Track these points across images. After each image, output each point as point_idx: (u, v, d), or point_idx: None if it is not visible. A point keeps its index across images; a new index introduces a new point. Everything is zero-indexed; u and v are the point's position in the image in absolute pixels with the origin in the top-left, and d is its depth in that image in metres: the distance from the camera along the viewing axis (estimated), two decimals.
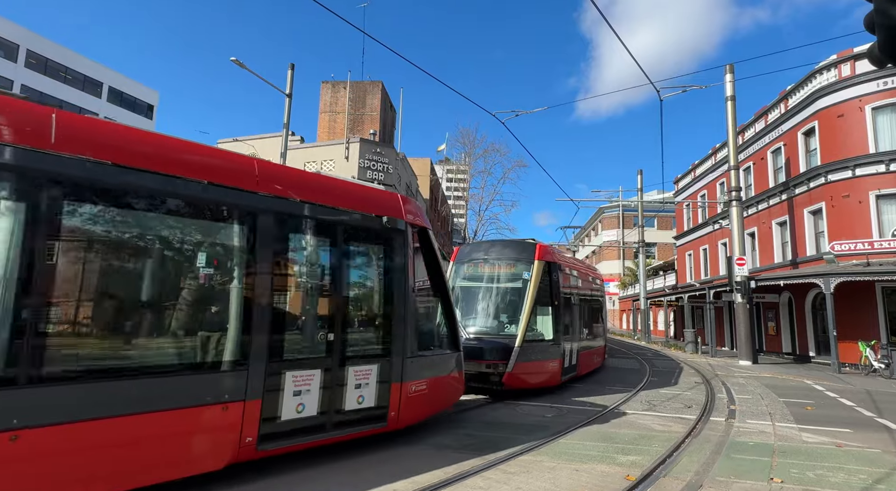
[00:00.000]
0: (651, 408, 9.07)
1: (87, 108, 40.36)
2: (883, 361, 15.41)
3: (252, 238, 4.80)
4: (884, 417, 8.74)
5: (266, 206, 4.91)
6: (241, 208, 4.78)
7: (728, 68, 20.20)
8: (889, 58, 3.37)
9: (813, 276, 16.88)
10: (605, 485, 4.73)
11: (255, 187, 4.87)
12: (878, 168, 17.45)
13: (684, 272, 34.07)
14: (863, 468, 5.52)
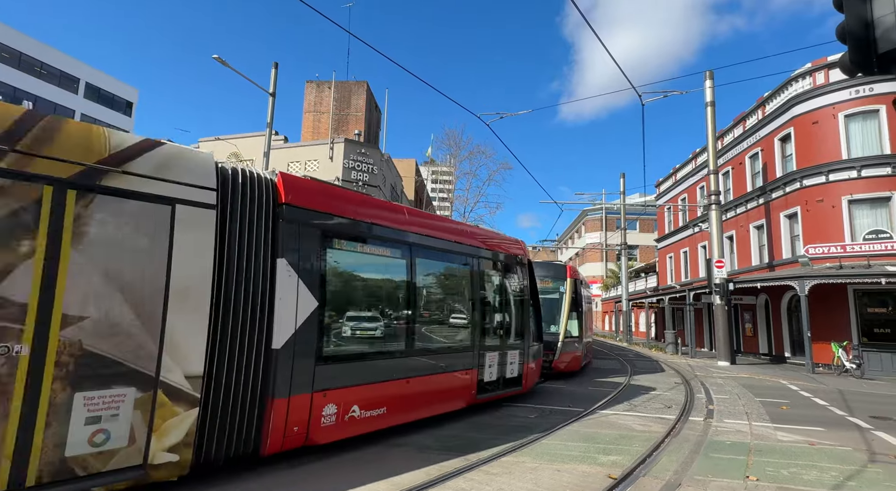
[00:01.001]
0: (632, 408, 9.19)
1: (62, 104, 39.35)
2: (854, 362, 15.86)
3: (474, 276, 8.42)
4: (855, 415, 9.00)
5: (486, 255, 8.87)
6: (477, 258, 8.55)
7: (708, 74, 20.62)
8: (858, 67, 3.48)
9: (788, 278, 17.31)
10: (586, 485, 4.78)
11: (479, 245, 8.72)
12: (851, 174, 17.99)
13: (665, 274, 34.62)
14: (834, 466, 5.67)
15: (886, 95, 17.20)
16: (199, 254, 4.49)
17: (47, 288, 3.65)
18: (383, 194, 26.19)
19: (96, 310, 3.88)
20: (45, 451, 3.57)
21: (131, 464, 3.96)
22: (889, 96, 17.06)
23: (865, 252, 16.99)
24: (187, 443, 4.24)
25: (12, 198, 3.58)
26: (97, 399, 3.82)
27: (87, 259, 3.86)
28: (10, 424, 3.43)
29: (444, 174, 56.72)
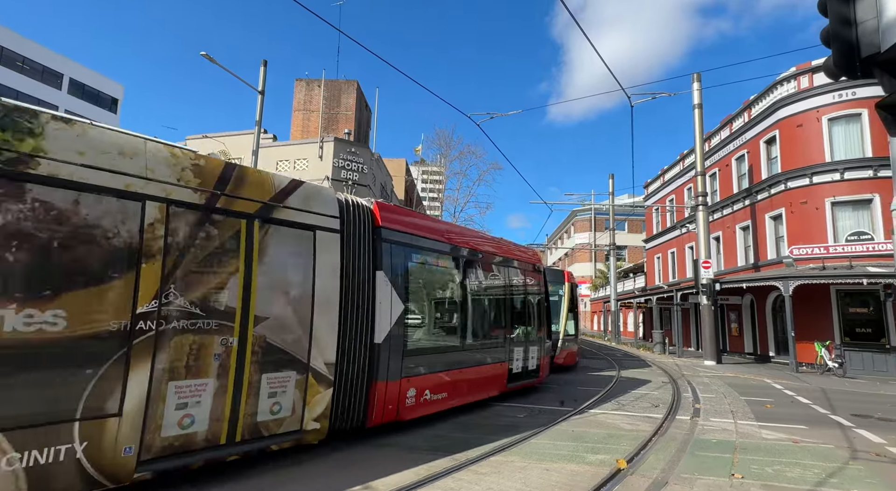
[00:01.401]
0: (620, 407, 9.26)
1: (45, 100, 38.59)
2: (837, 361, 16.15)
3: (506, 283, 10.04)
4: (837, 414, 9.17)
5: (514, 265, 10.43)
6: (508, 267, 10.17)
7: (695, 77, 20.85)
8: (842, 71, 3.54)
9: (773, 279, 17.58)
10: (574, 484, 4.80)
11: (509, 255, 10.33)
12: (834, 176, 18.32)
13: (653, 275, 34.95)
14: (817, 463, 5.76)
15: (868, 99, 17.54)
16: (332, 269, 5.80)
17: (246, 296, 4.86)
18: (373, 194, 26.10)
19: (273, 312, 5.12)
20: (246, 416, 4.81)
21: (293, 429, 5.26)
22: (871, 100, 17.39)
23: (848, 253, 17.31)
24: (325, 415, 5.57)
25: (224, 229, 4.80)
26: (275, 379, 5.10)
27: (266, 274, 5.09)
28: (227, 395, 4.66)
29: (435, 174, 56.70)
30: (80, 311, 3.82)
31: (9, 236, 3.56)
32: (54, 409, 3.66)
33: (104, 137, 4.18)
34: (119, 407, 3.95)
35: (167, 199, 4.41)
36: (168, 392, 4.28)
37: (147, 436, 4.11)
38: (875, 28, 3.34)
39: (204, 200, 4.67)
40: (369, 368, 6.24)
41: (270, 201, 5.23)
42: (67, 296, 3.77)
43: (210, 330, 4.60)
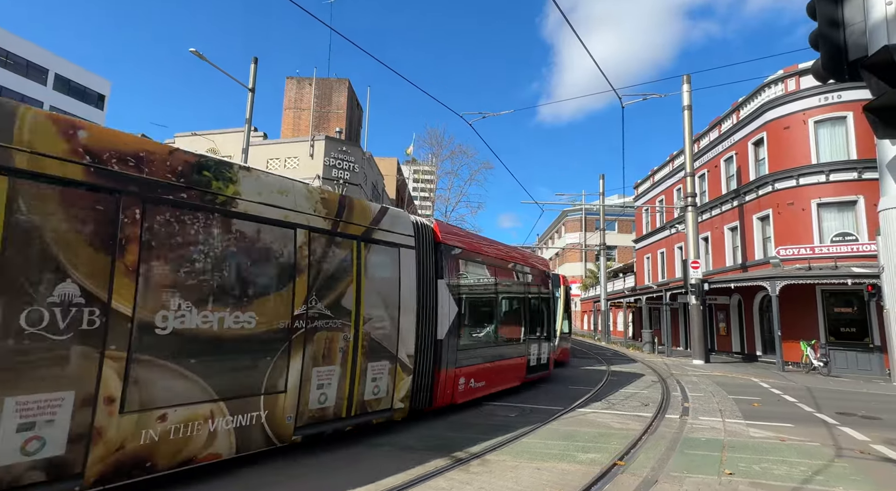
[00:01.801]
0: (610, 406, 9.32)
1: (30, 95, 37.93)
2: (822, 360, 16.41)
3: (526, 288, 11.65)
4: (822, 412, 9.31)
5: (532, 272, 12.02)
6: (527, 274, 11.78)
7: (685, 79, 21.04)
8: (830, 74, 3.58)
9: (760, 279, 17.81)
10: (565, 482, 4.82)
11: (528, 264, 12.04)
12: (819, 178, 18.60)
13: (643, 274, 35.24)
14: (803, 461, 5.85)
15: (854, 102, 17.83)
16: (411, 278, 7.22)
17: (357, 302, 6.27)
18: (364, 193, 25.99)
19: (374, 314, 6.54)
20: (358, 396, 6.20)
21: (386, 407, 6.64)
22: (856, 103, 17.69)
23: (833, 254, 17.60)
24: (407, 397, 7.00)
25: (342, 249, 6.19)
26: (376, 367, 6.51)
27: (369, 284, 6.50)
28: (347, 379, 6.07)
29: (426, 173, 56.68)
30: (263, 313, 5.14)
31: (223, 259, 4.87)
32: (250, 385, 4.99)
33: (269, 180, 5.51)
34: (285, 385, 5.28)
35: (308, 226, 5.76)
36: (312, 375, 5.63)
37: (300, 408, 5.45)
38: (862, 31, 3.39)
39: (330, 226, 6.05)
40: (435, 359, 7.74)
41: (370, 225, 6.66)
42: (257, 301, 5.11)
43: (337, 328, 5.98)
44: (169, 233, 4.48)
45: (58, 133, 3.86)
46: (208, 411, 4.62)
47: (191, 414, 4.48)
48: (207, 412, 4.61)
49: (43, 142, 3.76)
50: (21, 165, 3.62)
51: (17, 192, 3.60)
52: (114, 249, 4.06)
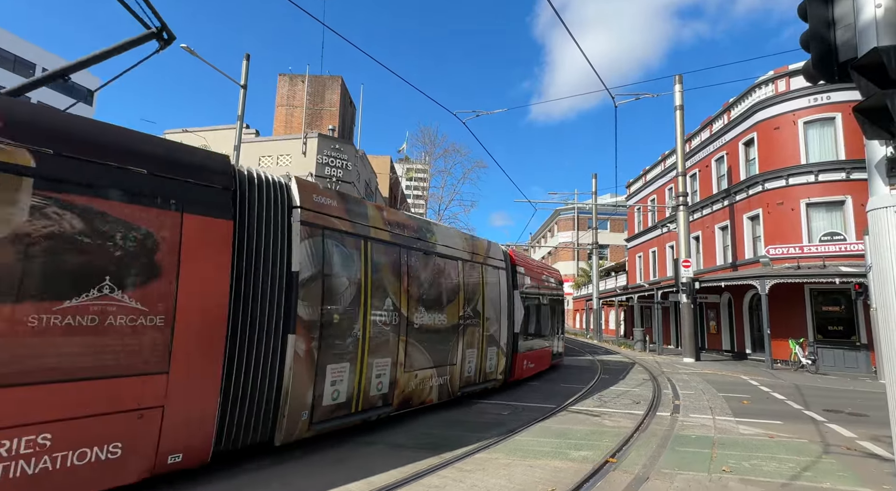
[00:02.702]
0: (602, 404, 9.37)
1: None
2: (810, 358, 16.62)
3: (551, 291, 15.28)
4: (810, 409, 9.43)
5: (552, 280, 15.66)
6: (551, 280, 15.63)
7: (677, 79, 21.18)
8: (821, 75, 3.62)
9: (750, 278, 17.99)
10: (558, 480, 4.84)
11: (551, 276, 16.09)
12: (808, 178, 18.82)
13: (635, 273, 35.46)
14: (792, 457, 5.92)
15: (843, 104, 18.04)
16: (503, 290, 10.65)
17: (483, 306, 9.56)
18: (357, 191, 25.89)
19: (490, 315, 9.85)
20: (483, 369, 9.60)
21: (494, 378, 10.12)
22: (845, 105, 17.90)
23: (821, 253, 17.82)
24: (503, 371, 10.55)
25: (476, 273, 9.52)
26: (491, 351, 9.92)
27: (487, 294, 9.76)
28: (478, 358, 9.37)
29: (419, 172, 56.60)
30: (449, 315, 8.43)
31: (434, 280, 8.11)
32: (445, 359, 8.26)
33: (448, 231, 9.34)
34: (455, 360, 8.58)
35: (462, 258, 9.10)
36: (466, 355, 8.94)
37: (462, 375, 8.79)
38: (852, 33, 3.42)
39: (470, 258, 9.44)
40: (513, 346, 11.03)
41: (486, 255, 10.12)
42: (446, 307, 8.39)
43: (475, 325, 9.31)
44: (417, 267, 7.75)
45: (381, 215, 7.22)
46: (430, 374, 7.88)
47: (425, 375, 7.76)
48: (429, 374, 7.88)
49: (376, 219, 7.06)
50: (376, 235, 6.97)
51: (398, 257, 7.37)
52: (401, 278, 7.25)
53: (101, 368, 3.87)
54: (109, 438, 3.88)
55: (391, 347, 6.85)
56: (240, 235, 4.93)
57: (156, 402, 4.15)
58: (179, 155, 4.67)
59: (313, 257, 5.72)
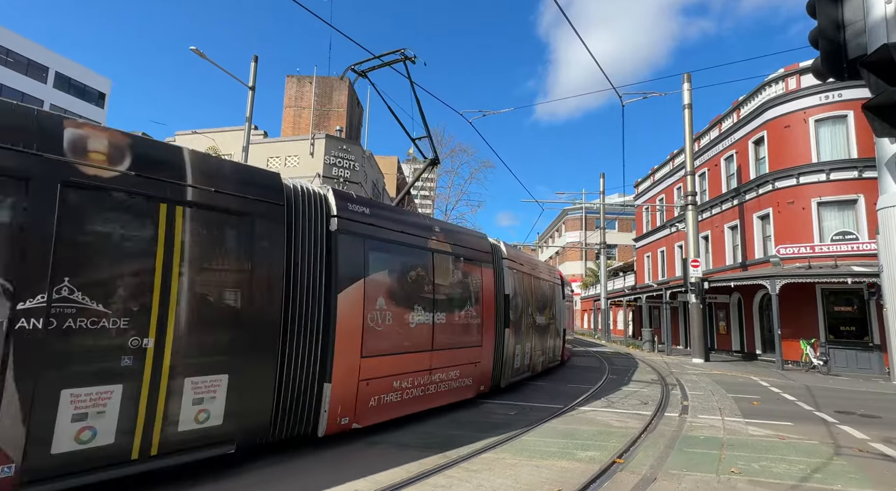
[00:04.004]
0: (609, 405, 9.33)
1: (30, 94, 37.91)
2: (821, 359, 16.41)
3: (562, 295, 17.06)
4: (821, 410, 9.32)
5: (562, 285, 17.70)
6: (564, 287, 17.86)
7: (686, 77, 21.01)
8: (830, 72, 3.58)
9: (760, 277, 17.80)
10: (564, 480, 4.83)
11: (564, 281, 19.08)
12: (820, 177, 18.59)
13: (643, 273, 35.24)
14: (802, 459, 5.86)
15: (854, 101, 17.80)
16: (561, 299, 16.02)
17: (553, 306, 14.73)
18: (365, 191, 25.98)
19: (555, 313, 14.82)
20: (545, 355, 13.46)
21: (557, 361, 15.32)
22: (857, 102, 17.65)
23: (833, 253, 17.59)
24: (558, 357, 15.38)
25: (551, 286, 14.73)
26: (557, 341, 15.19)
27: (557, 300, 15.51)
28: (553, 345, 14.66)
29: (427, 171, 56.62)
30: (549, 317, 13.87)
31: (540, 295, 13.12)
32: (544, 348, 13.29)
33: (541, 263, 14.00)
34: (542, 349, 13.11)
35: (550, 281, 14.33)
36: (552, 344, 14.23)
37: (543, 358, 13.10)
38: (862, 30, 3.39)
39: (549, 277, 14.43)
40: (563, 339, 15.46)
41: (551, 274, 14.62)
42: (545, 310, 13.49)
43: (554, 323, 14.47)
44: (531, 284, 12.41)
45: (513, 255, 11.30)
46: (540, 354, 12.73)
47: (538, 354, 12.52)
48: (540, 354, 12.71)
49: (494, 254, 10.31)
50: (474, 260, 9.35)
51: None
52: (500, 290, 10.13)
53: (467, 342, 8.72)
54: (469, 375, 8.74)
55: (542, 337, 13.03)
56: None
57: (478, 359, 9.01)
58: None
59: None
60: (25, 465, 3.52)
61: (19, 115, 3.72)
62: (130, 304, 4.15)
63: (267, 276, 5.13)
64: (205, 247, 4.74)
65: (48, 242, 3.68)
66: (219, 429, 4.63)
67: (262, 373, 5.04)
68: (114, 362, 4.01)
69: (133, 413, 4.09)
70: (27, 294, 3.58)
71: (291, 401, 5.39)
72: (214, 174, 4.88)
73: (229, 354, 4.76)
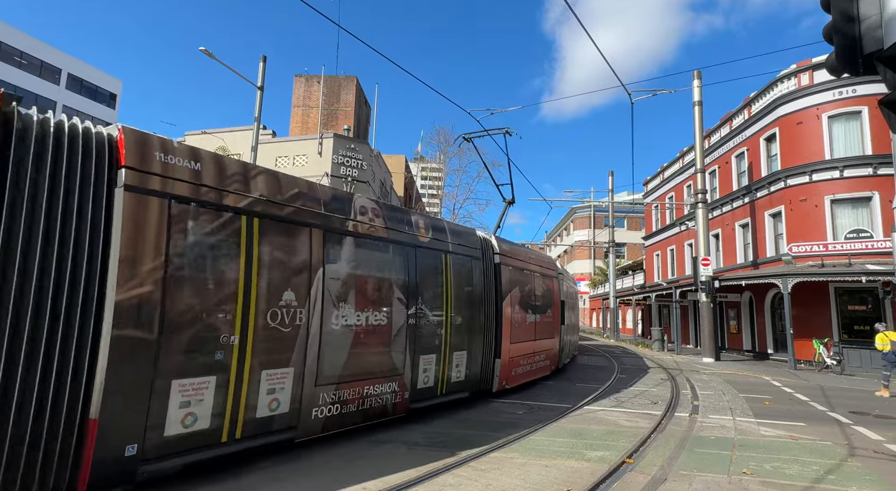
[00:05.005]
0: (619, 404, 9.27)
1: (44, 95, 38.43)
2: (835, 358, 16.18)
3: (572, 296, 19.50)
4: (835, 411, 9.19)
5: None
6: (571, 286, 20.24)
7: (696, 74, 20.80)
8: (845, 68, 3.52)
9: (772, 276, 17.59)
10: (573, 480, 4.81)
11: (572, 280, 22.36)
12: (833, 174, 18.31)
13: (652, 272, 34.97)
14: (816, 460, 5.78)
15: (869, 97, 17.51)
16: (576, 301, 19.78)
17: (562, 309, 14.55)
18: (372, 190, 26.03)
19: (571, 314, 16.94)
20: (570, 347, 16.44)
21: (575, 353, 18.99)
22: (871, 98, 17.37)
23: (847, 251, 17.32)
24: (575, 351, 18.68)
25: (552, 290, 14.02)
26: (574, 338, 18.45)
27: (569, 301, 16.27)
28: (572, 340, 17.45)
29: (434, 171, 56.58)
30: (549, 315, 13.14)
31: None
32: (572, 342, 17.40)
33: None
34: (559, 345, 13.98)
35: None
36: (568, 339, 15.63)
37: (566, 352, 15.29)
38: (878, 24, 3.32)
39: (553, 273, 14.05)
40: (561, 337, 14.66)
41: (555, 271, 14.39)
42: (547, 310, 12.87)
43: (574, 325, 18.26)
44: None
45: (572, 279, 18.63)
46: (569, 346, 15.62)
47: (570, 346, 16.13)
48: (568, 345, 15.50)
49: None
50: None
51: None
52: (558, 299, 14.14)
53: (548, 335, 12.62)
54: (548, 358, 12.61)
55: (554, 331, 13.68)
56: None
57: (553, 347, 13.06)
58: None
59: None
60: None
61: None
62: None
63: (481, 293, 9.13)
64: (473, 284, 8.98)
65: None
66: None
67: None
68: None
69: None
70: None
71: (479, 372, 8.95)
72: (461, 234, 8.98)
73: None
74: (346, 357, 6.05)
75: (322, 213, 5.83)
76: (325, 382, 5.70)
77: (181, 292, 4.44)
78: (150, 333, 4.15)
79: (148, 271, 4.19)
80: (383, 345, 6.64)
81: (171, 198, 4.39)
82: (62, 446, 3.70)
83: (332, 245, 5.97)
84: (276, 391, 5.11)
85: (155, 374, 4.16)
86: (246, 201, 5.00)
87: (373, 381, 6.42)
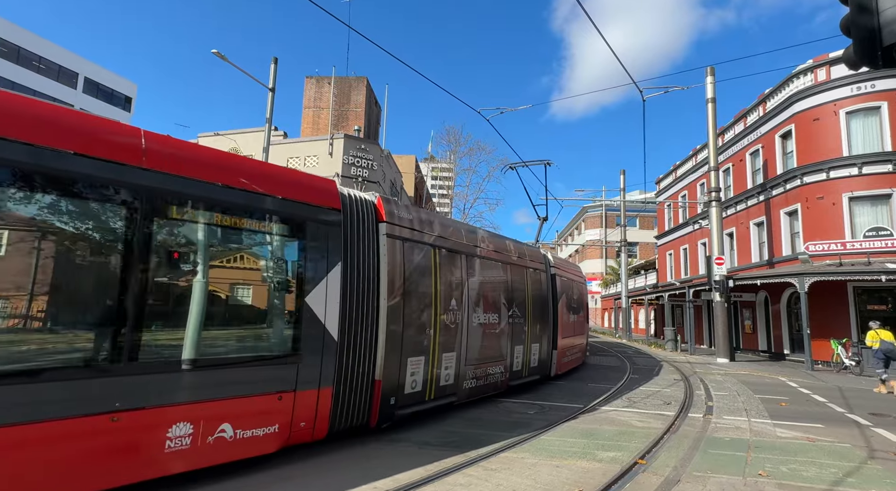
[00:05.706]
0: (631, 404, 9.18)
1: (61, 98, 39.14)
2: (854, 359, 15.85)
3: None
4: (854, 412, 9.00)
5: None
6: None
7: (709, 70, 20.52)
8: (863, 61, 3.44)
9: (788, 275, 17.29)
10: (585, 481, 4.77)
11: None
12: (851, 171, 17.95)
13: (665, 271, 34.60)
14: (834, 462, 5.66)
15: (888, 92, 17.14)
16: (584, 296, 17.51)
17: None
18: (383, 190, 26.12)
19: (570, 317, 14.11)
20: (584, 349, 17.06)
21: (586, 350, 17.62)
22: (891, 93, 17.00)
23: (865, 249, 16.96)
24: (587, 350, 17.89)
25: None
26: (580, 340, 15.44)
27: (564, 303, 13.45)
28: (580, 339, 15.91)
29: (444, 170, 56.62)
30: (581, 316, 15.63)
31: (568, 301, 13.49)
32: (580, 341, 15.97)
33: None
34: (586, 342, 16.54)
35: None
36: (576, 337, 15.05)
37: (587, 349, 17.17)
38: None
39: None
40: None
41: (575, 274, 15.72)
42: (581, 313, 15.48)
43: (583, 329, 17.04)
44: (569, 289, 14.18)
45: None
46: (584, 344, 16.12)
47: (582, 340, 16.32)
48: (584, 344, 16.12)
49: None
50: None
51: None
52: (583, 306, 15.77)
53: (581, 333, 15.11)
54: (581, 352, 15.42)
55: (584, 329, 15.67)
56: None
57: (584, 343, 15.67)
58: None
59: None
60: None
61: None
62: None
63: (546, 298, 11.60)
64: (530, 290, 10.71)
65: None
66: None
67: None
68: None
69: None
70: None
71: (546, 360, 11.34)
72: (533, 252, 11.51)
73: None
74: (479, 346, 8.37)
75: (465, 243, 8.25)
76: (469, 363, 8.07)
77: (411, 300, 6.72)
78: (399, 327, 6.44)
79: (397, 287, 6.49)
80: (496, 338, 9.01)
81: (403, 240, 6.73)
82: (365, 395, 6.00)
83: (470, 265, 8.30)
84: (448, 368, 7.49)
85: (402, 353, 6.48)
86: (432, 238, 7.33)
87: (492, 363, 8.83)
